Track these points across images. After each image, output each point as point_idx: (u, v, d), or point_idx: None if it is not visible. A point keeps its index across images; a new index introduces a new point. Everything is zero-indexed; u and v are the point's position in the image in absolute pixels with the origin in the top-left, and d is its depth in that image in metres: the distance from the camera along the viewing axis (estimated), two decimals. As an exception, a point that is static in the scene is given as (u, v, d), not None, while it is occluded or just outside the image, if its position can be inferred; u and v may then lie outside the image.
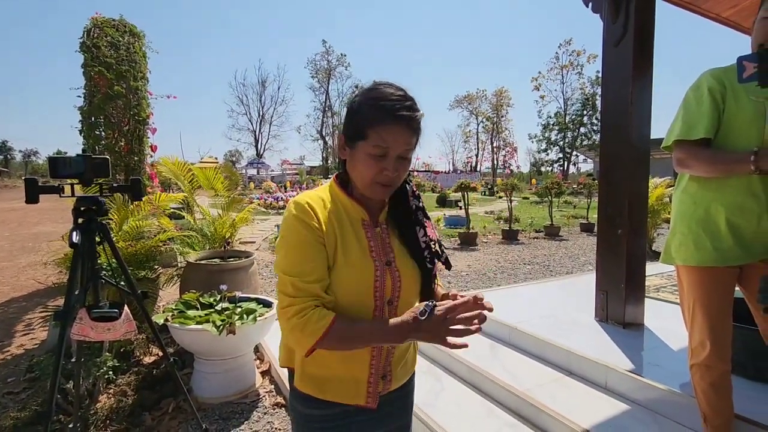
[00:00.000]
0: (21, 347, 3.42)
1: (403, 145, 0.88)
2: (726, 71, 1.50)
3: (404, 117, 0.87)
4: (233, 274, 3.41)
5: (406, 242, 1.00)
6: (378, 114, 0.86)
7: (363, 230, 0.95)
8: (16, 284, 5.37)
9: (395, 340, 0.86)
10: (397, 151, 0.88)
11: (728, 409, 1.56)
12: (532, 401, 2.10)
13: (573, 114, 45.55)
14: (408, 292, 0.97)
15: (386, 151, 0.87)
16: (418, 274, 0.99)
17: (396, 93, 0.88)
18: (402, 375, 1.04)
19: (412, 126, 0.88)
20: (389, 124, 0.86)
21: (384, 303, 0.94)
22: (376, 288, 0.92)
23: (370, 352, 0.96)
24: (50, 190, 1.77)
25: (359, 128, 0.89)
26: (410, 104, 0.88)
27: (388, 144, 0.87)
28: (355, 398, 0.97)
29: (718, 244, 1.50)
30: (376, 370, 0.97)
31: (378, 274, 0.93)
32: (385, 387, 1.00)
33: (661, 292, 3.62)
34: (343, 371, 0.96)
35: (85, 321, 1.77)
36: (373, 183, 0.90)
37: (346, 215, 0.95)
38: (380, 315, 0.94)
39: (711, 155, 1.46)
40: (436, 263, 1.01)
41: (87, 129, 4.84)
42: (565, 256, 7.60)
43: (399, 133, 0.87)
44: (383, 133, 0.86)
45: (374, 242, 0.95)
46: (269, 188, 21.43)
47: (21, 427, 2.22)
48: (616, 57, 2.70)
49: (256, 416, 2.47)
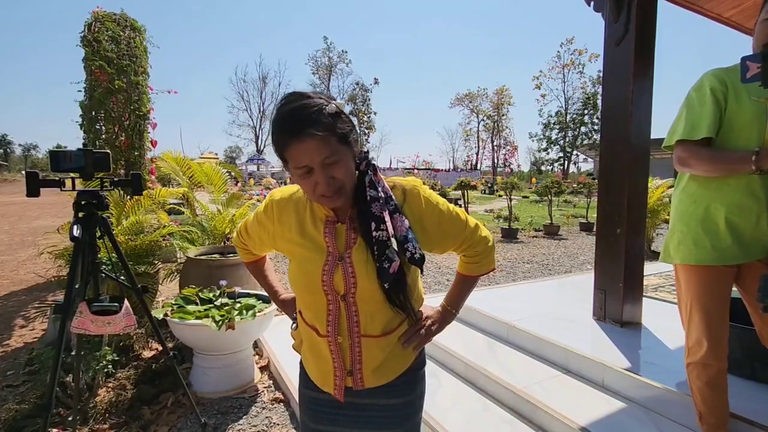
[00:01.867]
0: (20, 340, 3.43)
1: (317, 156, 0.81)
2: (728, 71, 1.51)
3: (302, 132, 0.79)
4: (233, 270, 3.41)
5: (363, 237, 0.93)
6: (280, 137, 0.82)
7: (323, 226, 0.96)
8: (16, 278, 5.38)
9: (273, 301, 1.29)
10: (315, 163, 0.82)
11: (724, 407, 1.57)
12: (529, 398, 2.11)
13: (574, 113, 45.50)
14: (366, 289, 0.93)
15: (309, 169, 0.83)
16: (374, 271, 0.91)
17: (287, 107, 0.81)
18: (379, 376, 1.00)
19: (315, 135, 0.79)
20: (293, 144, 0.81)
21: (337, 298, 0.94)
22: (324, 281, 0.93)
23: (329, 347, 0.98)
24: (51, 184, 1.77)
25: (279, 154, 0.86)
26: (305, 114, 0.80)
27: (304, 162, 0.82)
28: (326, 385, 1.02)
29: (717, 243, 1.50)
30: (339, 365, 0.98)
31: (327, 268, 0.93)
32: (357, 383, 0.99)
33: (659, 291, 3.63)
34: (313, 359, 1.03)
35: (85, 314, 1.78)
36: (317, 199, 0.89)
37: (310, 212, 0.98)
38: (335, 310, 0.95)
39: (712, 154, 1.47)
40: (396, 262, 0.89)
41: (87, 123, 4.84)
42: (564, 255, 7.61)
43: (306, 150, 0.80)
44: (294, 154, 0.82)
45: (330, 237, 0.95)
46: (269, 185, 21.42)
47: (20, 420, 2.23)
48: (617, 56, 2.70)
49: (254, 411, 2.48)
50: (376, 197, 0.91)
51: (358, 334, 0.96)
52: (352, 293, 0.93)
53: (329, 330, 0.96)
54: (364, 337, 0.97)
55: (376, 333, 0.97)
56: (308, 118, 0.80)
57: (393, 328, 1.00)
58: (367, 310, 0.95)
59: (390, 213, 0.92)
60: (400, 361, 1.02)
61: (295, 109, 0.81)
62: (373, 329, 0.97)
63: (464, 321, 3.20)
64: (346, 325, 0.96)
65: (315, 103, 0.81)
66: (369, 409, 1.02)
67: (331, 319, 0.95)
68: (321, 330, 0.97)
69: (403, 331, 1.02)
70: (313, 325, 1.00)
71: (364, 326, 0.96)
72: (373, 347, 0.98)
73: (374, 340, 0.97)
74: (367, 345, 0.97)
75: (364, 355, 0.98)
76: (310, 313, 1.00)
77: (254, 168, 36.05)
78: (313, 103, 0.81)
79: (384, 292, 0.93)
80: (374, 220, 0.90)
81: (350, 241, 0.95)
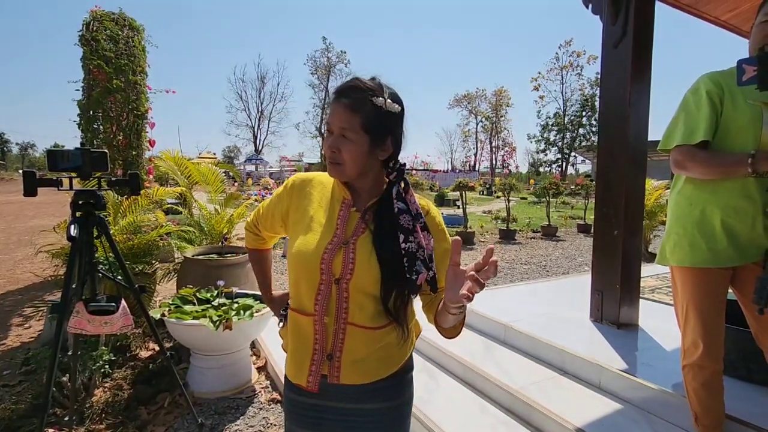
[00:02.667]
0: (17, 340, 3.42)
1: (338, 122, 0.93)
2: (723, 75, 1.52)
3: (340, 95, 0.93)
4: (230, 270, 3.41)
5: (381, 242, 0.95)
6: (331, 97, 0.96)
7: (338, 208, 1.00)
8: (12, 277, 5.36)
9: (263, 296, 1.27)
10: (335, 127, 0.93)
11: (719, 408, 1.58)
12: (525, 399, 2.11)
13: (572, 115, 45.63)
14: (360, 279, 0.93)
15: (331, 129, 0.95)
16: (377, 269, 0.93)
17: (349, 80, 0.95)
18: (357, 371, 0.97)
19: (349, 105, 0.92)
20: (333, 104, 0.95)
21: (331, 280, 0.94)
22: (323, 260, 0.94)
23: (313, 326, 0.96)
24: (49, 183, 1.77)
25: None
26: (355, 84, 0.93)
27: (329, 121, 0.95)
28: (299, 377, 1.00)
29: (713, 245, 1.51)
30: (321, 347, 0.96)
31: (329, 247, 0.95)
32: (332, 373, 0.96)
33: (655, 293, 3.64)
34: (293, 346, 1.02)
35: (82, 314, 1.77)
36: (327, 162, 0.97)
37: (330, 193, 1.04)
38: (326, 291, 0.95)
39: (708, 157, 1.48)
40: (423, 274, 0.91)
41: (85, 122, 4.83)
42: (562, 256, 7.62)
43: (335, 111, 0.93)
44: (329, 114, 0.96)
45: (342, 220, 0.98)
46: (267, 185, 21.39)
47: (16, 420, 2.23)
48: (615, 58, 2.72)
49: (251, 412, 2.48)
50: (405, 210, 0.95)
51: (345, 320, 0.95)
52: (347, 279, 0.94)
53: (317, 309, 0.95)
54: (350, 324, 0.96)
55: (363, 324, 0.96)
56: (349, 91, 0.93)
57: (380, 324, 0.97)
58: (358, 299, 0.95)
59: (420, 229, 0.95)
60: (384, 363, 1.00)
61: (347, 82, 0.95)
62: (361, 319, 0.96)
63: (462, 322, 3.21)
64: (335, 307, 0.95)
65: (366, 86, 0.93)
66: (353, 413, 0.99)
67: (320, 299, 0.95)
68: (308, 308, 0.97)
69: (392, 334, 0.98)
70: (300, 306, 0.99)
71: (352, 314, 0.95)
72: (358, 337, 0.96)
73: (359, 330, 0.96)
74: (352, 333, 0.96)
75: (346, 342, 0.96)
76: (300, 291, 0.98)
77: (252, 168, 35.98)
78: (364, 86, 0.93)
79: (384, 291, 0.93)
80: (403, 232, 0.94)
81: (359, 229, 0.97)
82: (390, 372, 1.00)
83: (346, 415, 1.00)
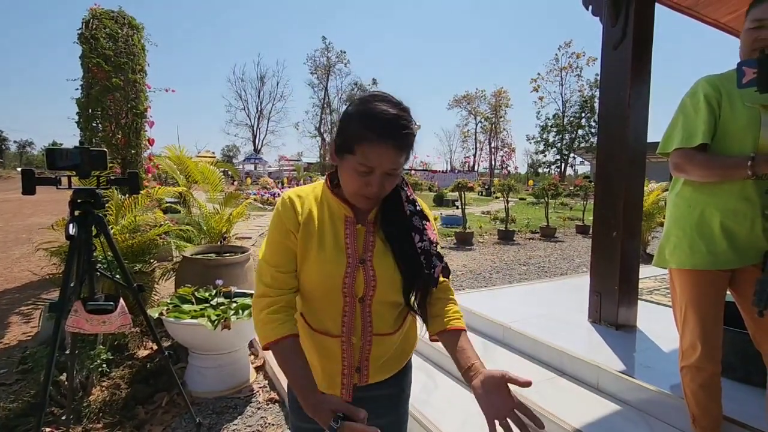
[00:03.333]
0: (14, 339, 3.41)
1: (389, 164, 0.86)
2: (721, 78, 1.52)
3: (393, 137, 0.84)
4: (229, 270, 3.40)
5: (392, 241, 0.97)
6: (366, 133, 0.84)
7: (343, 226, 0.97)
8: (10, 275, 5.34)
9: (302, 402, 0.84)
10: (383, 169, 0.86)
11: (717, 410, 1.58)
12: (523, 400, 2.11)
13: (571, 116, 45.67)
14: (384, 293, 0.96)
15: (371, 170, 0.86)
16: (400, 278, 0.96)
17: (389, 111, 0.84)
18: (382, 371, 1.03)
19: (400, 146, 0.85)
20: (376, 144, 0.84)
21: (355, 300, 0.95)
22: (345, 284, 0.93)
23: (341, 347, 0.97)
24: (47, 182, 1.76)
25: (347, 143, 0.87)
26: (403, 123, 0.85)
27: (373, 164, 0.85)
28: (331, 389, 1.00)
29: (712, 247, 1.51)
30: (349, 363, 0.99)
31: (348, 270, 0.94)
32: (362, 380, 1.01)
33: (654, 294, 3.65)
34: (319, 363, 1.00)
35: (81, 313, 1.77)
36: (355, 196, 0.92)
37: (328, 211, 0.98)
38: (351, 312, 0.95)
39: (708, 160, 1.48)
40: (440, 266, 0.96)
41: (84, 121, 4.82)
42: (560, 257, 7.63)
43: (385, 154, 0.84)
44: (369, 153, 0.84)
45: (351, 239, 0.96)
46: (266, 184, 21.38)
47: (13, 419, 2.22)
48: (615, 60, 2.72)
49: (249, 411, 2.48)
50: (415, 211, 0.99)
51: (370, 333, 0.98)
52: (370, 296, 0.95)
53: (344, 330, 0.97)
54: (376, 335, 0.99)
55: (386, 332, 1.00)
56: (401, 130, 0.85)
57: (399, 326, 1.04)
58: (380, 311, 0.98)
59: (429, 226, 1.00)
60: (402, 356, 1.08)
61: (394, 117, 0.84)
62: (383, 328, 1.00)
63: (460, 322, 3.21)
64: (361, 326, 0.97)
65: (410, 119, 0.88)
66: (365, 401, 1.02)
67: (346, 321, 0.96)
68: (334, 331, 0.97)
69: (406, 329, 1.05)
70: (323, 328, 0.98)
71: (376, 327, 0.99)
72: (381, 345, 1.01)
73: (382, 338, 1.00)
74: (377, 343, 1.00)
75: (372, 352, 1.00)
76: (321, 316, 0.98)
77: (251, 167, 35.93)
78: (410, 120, 0.87)
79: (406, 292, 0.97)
80: (417, 232, 0.97)
81: (368, 244, 0.97)
82: (405, 361, 1.10)
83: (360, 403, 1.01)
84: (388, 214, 0.99)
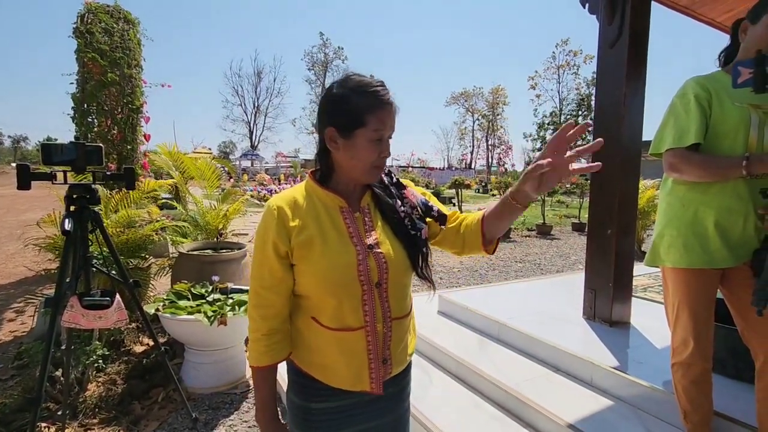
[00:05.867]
0: (9, 334, 3.40)
1: (392, 127, 0.96)
2: (709, 78, 1.54)
3: (390, 101, 0.94)
4: (225, 266, 3.40)
5: (388, 221, 1.01)
6: (373, 100, 0.92)
7: (341, 217, 0.97)
8: (4, 271, 5.32)
9: (257, 416, 1.06)
10: (389, 133, 0.95)
11: (708, 405, 1.61)
12: (518, 396, 2.13)
13: (568, 114, 45.64)
14: (397, 274, 0.98)
15: (382, 135, 0.93)
16: (405, 252, 1.00)
17: (374, 81, 0.94)
18: (401, 358, 1.04)
19: (396, 110, 0.96)
20: (382, 108, 0.92)
21: (372, 286, 0.95)
22: (360, 272, 0.93)
23: (365, 338, 0.96)
24: (43, 177, 1.76)
25: (355, 117, 0.91)
26: (387, 88, 0.95)
27: (385, 128, 0.93)
28: (358, 385, 0.98)
29: (706, 246, 1.53)
30: (375, 356, 0.97)
31: (360, 257, 0.94)
32: (387, 371, 1.00)
33: (648, 291, 3.68)
34: (342, 360, 0.97)
35: (77, 308, 1.77)
36: (372, 169, 0.95)
37: (322, 207, 0.97)
38: (370, 299, 0.95)
39: (703, 160, 1.49)
40: (425, 227, 1.02)
41: (79, 116, 4.79)
42: (556, 254, 7.67)
43: (390, 116, 0.94)
44: (381, 117, 0.92)
45: (353, 227, 0.97)
46: (263, 180, 21.31)
47: (9, 414, 2.22)
48: (611, 58, 2.73)
49: (245, 407, 2.49)
50: (392, 182, 1.06)
51: (390, 318, 0.99)
52: (385, 279, 0.96)
53: (367, 320, 0.95)
54: (394, 320, 1.00)
55: (401, 314, 1.02)
56: (390, 93, 0.95)
57: (409, 309, 1.06)
58: (394, 293, 0.99)
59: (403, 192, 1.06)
60: (411, 340, 1.09)
61: (381, 84, 0.94)
62: (399, 311, 1.01)
63: (456, 318, 3.23)
64: (380, 312, 0.97)
65: None
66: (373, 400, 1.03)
67: (367, 309, 0.95)
68: (355, 323, 0.95)
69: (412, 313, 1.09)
70: (343, 324, 0.95)
71: (393, 310, 0.99)
72: (399, 329, 1.02)
73: (400, 321, 1.02)
74: (396, 327, 1.00)
75: (393, 338, 1.00)
76: (339, 312, 0.95)
77: (248, 163, 35.83)
78: None
79: (414, 266, 1.01)
80: (398, 198, 1.03)
81: (369, 228, 0.99)
82: (414, 342, 1.11)
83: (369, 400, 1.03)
84: (376, 192, 1.03)
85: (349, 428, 1.02)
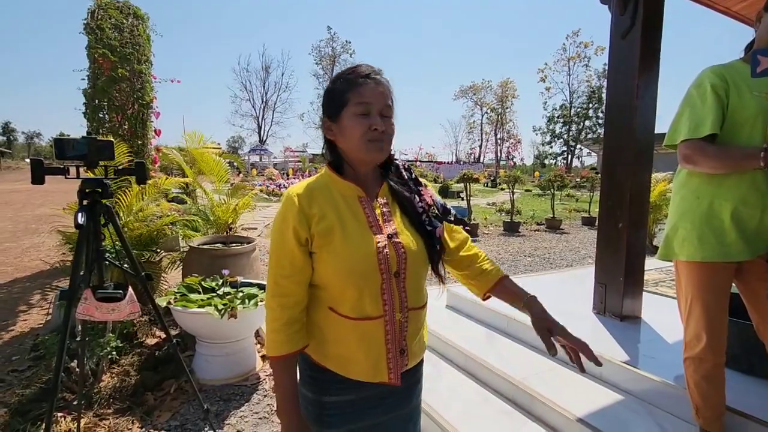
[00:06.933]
0: (25, 326, 3.48)
1: (382, 100, 0.94)
2: (726, 68, 1.50)
3: (374, 79, 0.94)
4: (235, 260, 3.43)
5: (407, 213, 1.02)
6: (353, 78, 0.94)
7: (360, 206, 0.98)
8: (20, 264, 5.43)
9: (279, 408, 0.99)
10: (378, 106, 0.94)
11: (720, 401, 1.59)
12: (527, 389, 2.13)
13: (578, 107, 45.06)
14: (415, 264, 0.99)
15: (369, 109, 0.93)
16: (423, 245, 1.01)
17: (359, 64, 0.97)
18: (417, 350, 1.04)
19: (384, 84, 0.95)
20: (363, 84, 0.93)
21: (390, 275, 0.95)
22: (380, 260, 0.94)
23: (384, 327, 0.96)
24: (56, 171, 1.78)
25: (339, 98, 0.95)
26: (376, 69, 0.96)
27: (368, 99, 0.93)
28: (377, 376, 0.98)
29: (722, 239, 1.50)
30: (393, 346, 0.97)
31: (380, 246, 0.94)
32: (403, 362, 1.00)
33: (659, 286, 3.64)
34: (360, 350, 0.97)
35: (90, 301, 1.80)
36: (365, 143, 0.94)
37: (341, 196, 0.98)
38: (388, 288, 0.95)
39: (719, 151, 1.46)
40: (440, 226, 1.04)
41: (91, 112, 4.84)
42: (566, 249, 7.61)
43: (375, 90, 0.94)
44: (362, 91, 0.93)
45: (372, 217, 0.98)
46: (271, 175, 21.41)
47: (26, 404, 2.27)
48: (623, 49, 2.68)
49: (256, 398, 2.52)
50: (411, 178, 1.07)
51: (407, 308, 0.99)
52: (404, 269, 0.97)
53: (386, 309, 0.95)
54: (411, 310, 1.00)
55: (417, 305, 1.02)
56: (377, 74, 0.96)
57: (426, 299, 1.06)
58: (411, 284, 0.99)
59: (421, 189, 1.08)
60: (424, 333, 1.09)
61: (368, 66, 0.97)
62: (416, 301, 1.01)
63: (464, 313, 3.22)
64: (398, 301, 0.97)
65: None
66: (386, 394, 1.04)
67: (386, 298, 0.95)
68: (375, 311, 0.95)
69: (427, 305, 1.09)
70: (362, 313, 0.95)
71: (410, 300, 0.99)
72: (416, 320, 1.02)
73: (417, 312, 1.02)
74: (412, 318, 1.00)
75: (409, 329, 1.00)
76: (358, 301, 0.94)
77: (257, 158, 35.97)
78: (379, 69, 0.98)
79: (431, 260, 1.02)
80: (414, 193, 1.05)
81: (387, 218, 0.99)
82: (427, 342, 1.12)
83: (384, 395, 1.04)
84: (394, 185, 1.04)
85: (363, 422, 1.03)
